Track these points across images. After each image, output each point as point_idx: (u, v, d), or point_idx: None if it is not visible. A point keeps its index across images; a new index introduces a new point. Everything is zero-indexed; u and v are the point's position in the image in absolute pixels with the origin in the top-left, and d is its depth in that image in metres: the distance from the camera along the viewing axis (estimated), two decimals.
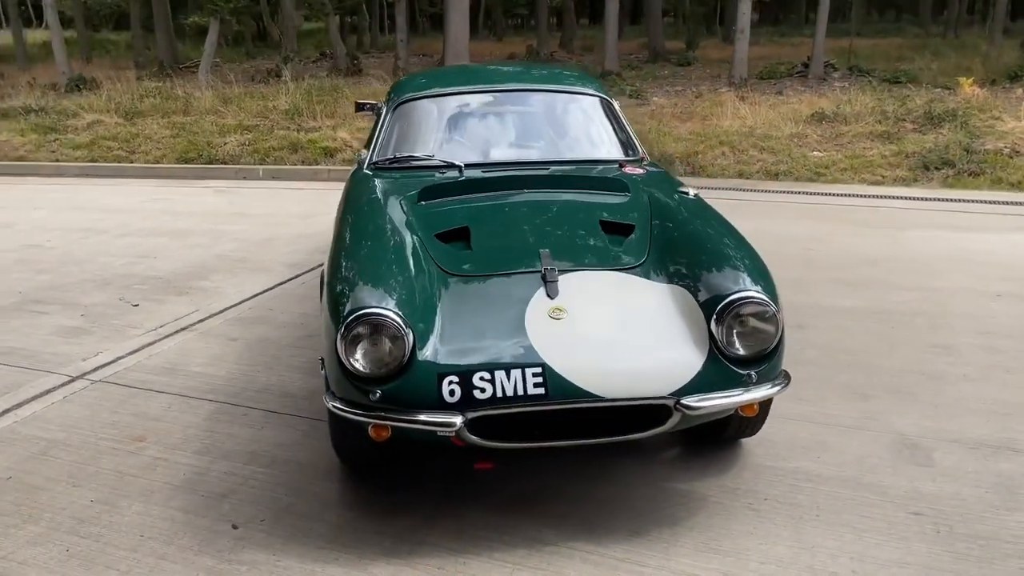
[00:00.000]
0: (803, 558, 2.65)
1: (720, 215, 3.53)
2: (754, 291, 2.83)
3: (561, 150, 4.26)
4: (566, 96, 4.55)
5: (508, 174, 3.89)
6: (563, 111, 4.49)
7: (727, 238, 3.26)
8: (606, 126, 4.45)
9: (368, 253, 3.13)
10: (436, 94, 4.48)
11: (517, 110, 4.45)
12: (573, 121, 4.45)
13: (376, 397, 2.67)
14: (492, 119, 4.42)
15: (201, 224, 7.49)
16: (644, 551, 2.70)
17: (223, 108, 13.24)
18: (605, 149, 4.31)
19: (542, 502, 2.98)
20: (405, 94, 4.50)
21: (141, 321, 4.94)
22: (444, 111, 4.43)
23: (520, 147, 4.27)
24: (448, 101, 4.45)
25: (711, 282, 2.92)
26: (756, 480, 3.11)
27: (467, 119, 4.41)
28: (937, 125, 10.80)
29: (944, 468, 3.17)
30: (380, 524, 2.87)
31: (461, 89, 4.51)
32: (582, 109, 4.51)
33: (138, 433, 3.55)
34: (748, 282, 2.89)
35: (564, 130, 4.40)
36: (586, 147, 4.31)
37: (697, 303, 2.88)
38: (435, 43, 32.17)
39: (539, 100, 4.51)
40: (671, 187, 3.85)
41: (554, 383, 2.64)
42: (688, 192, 3.74)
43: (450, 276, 3.04)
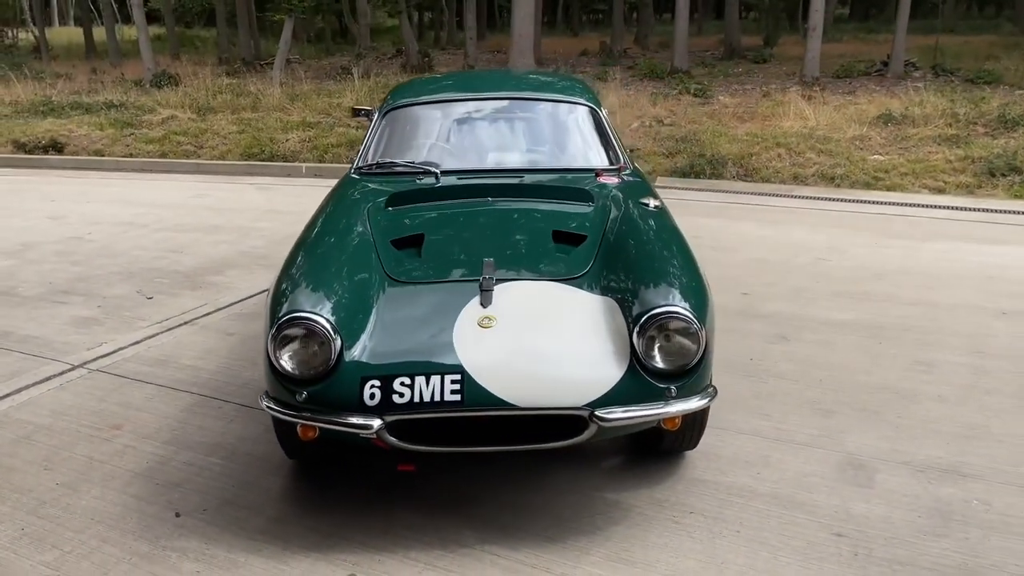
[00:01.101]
0: (708, 572, 2.68)
1: (676, 229, 3.55)
2: (680, 307, 2.86)
3: (539, 159, 4.33)
4: (553, 105, 4.61)
5: (477, 182, 3.98)
6: (548, 120, 4.55)
7: (671, 253, 3.28)
8: (590, 135, 4.49)
9: (321, 254, 3.28)
10: (424, 101, 4.59)
11: (502, 118, 4.53)
12: (556, 130, 4.51)
13: (303, 398, 2.80)
14: (476, 127, 4.51)
15: (234, 220, 7.79)
16: (555, 557, 2.77)
17: (290, 105, 13.68)
18: (584, 158, 4.36)
19: (468, 505, 3.07)
20: (395, 101, 4.64)
21: (151, 314, 5.21)
22: (430, 118, 4.54)
23: (499, 155, 4.34)
24: (436, 109, 4.57)
25: (642, 296, 2.96)
26: (687, 493, 3.14)
27: (451, 127, 4.51)
28: (1011, 129, 10.38)
29: (883, 490, 3.14)
30: (314, 519, 3.00)
31: (449, 97, 4.62)
32: (568, 118, 4.56)
33: (116, 422, 3.77)
34: (677, 298, 2.92)
35: (546, 139, 4.47)
36: (565, 156, 4.37)
37: (624, 316, 2.92)
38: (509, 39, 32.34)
39: (525, 108, 4.58)
40: (636, 198, 3.88)
41: (471, 390, 2.73)
42: (650, 204, 3.76)
43: (393, 282, 3.15)
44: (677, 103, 13.47)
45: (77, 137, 12.51)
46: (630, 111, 12.28)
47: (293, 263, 3.24)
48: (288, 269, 3.20)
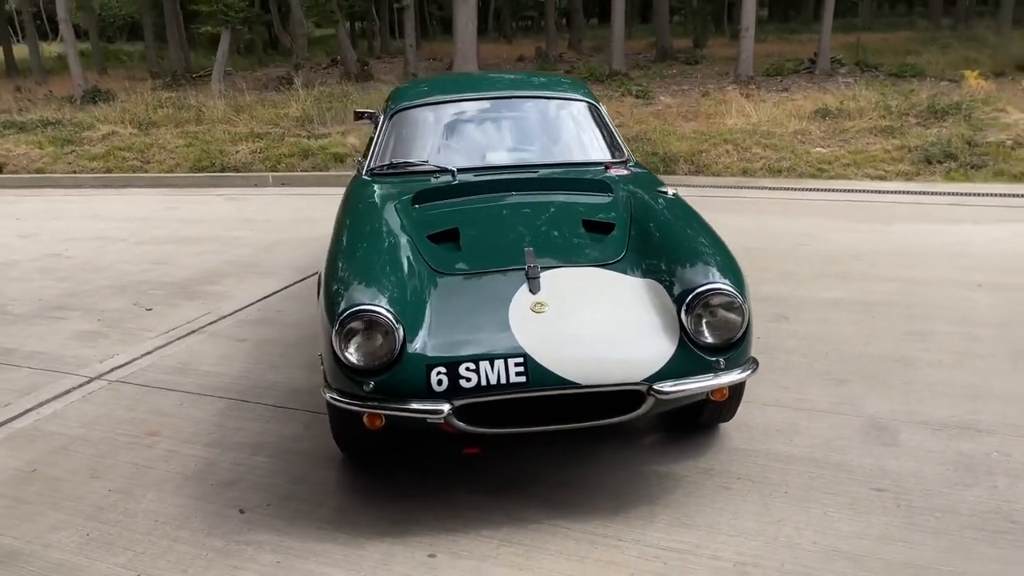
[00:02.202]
0: (768, 531, 2.84)
1: (696, 213, 3.72)
2: (722, 283, 3.03)
3: (549, 154, 4.46)
4: (555, 102, 4.75)
5: (497, 178, 4.10)
6: (552, 116, 4.69)
7: (700, 235, 3.45)
8: (593, 130, 4.65)
9: (363, 254, 3.34)
10: (430, 102, 4.69)
11: (508, 116, 4.66)
12: (561, 126, 4.66)
13: (369, 388, 2.88)
14: (484, 125, 4.62)
15: (211, 231, 7.74)
16: (622, 527, 2.90)
17: (235, 117, 13.54)
18: (592, 152, 4.51)
19: (528, 485, 3.18)
20: (401, 103, 4.72)
21: (155, 325, 5.18)
22: (438, 118, 4.64)
23: (510, 151, 4.47)
24: (442, 109, 4.66)
25: (682, 276, 3.13)
26: (730, 461, 3.31)
27: (460, 126, 4.62)
28: (940, 119, 10.90)
29: (909, 448, 3.35)
30: (377, 507, 3.08)
31: (454, 97, 4.72)
32: (570, 114, 4.71)
33: (152, 429, 3.78)
34: (716, 275, 3.09)
35: (552, 134, 4.61)
36: (573, 150, 4.52)
37: (669, 295, 3.08)
38: (445, 46, 32.37)
39: (529, 106, 4.72)
40: (652, 187, 4.05)
41: (534, 372, 2.84)
42: (667, 191, 3.93)
43: (439, 274, 3.25)
44: (622, 104, 13.72)
45: (16, 156, 12.20)
46: None
47: (337, 264, 3.29)
48: (335, 269, 3.25)
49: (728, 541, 2.80)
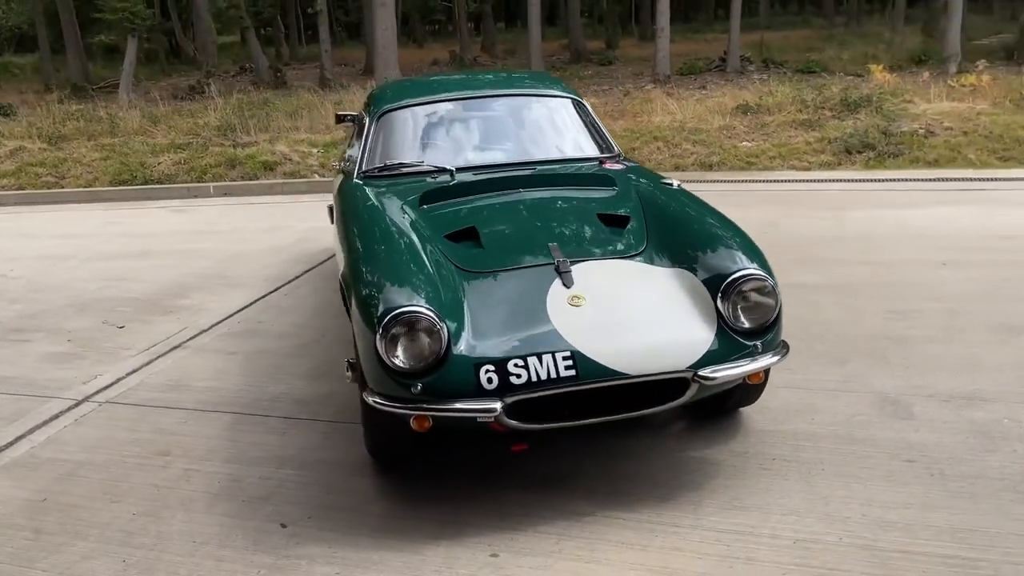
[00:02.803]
0: (818, 507, 2.92)
1: (705, 202, 3.79)
2: (752, 268, 3.10)
3: (544, 150, 4.48)
4: (541, 99, 4.77)
5: (503, 175, 4.08)
6: (541, 113, 4.71)
7: (718, 223, 3.52)
8: (582, 126, 4.69)
9: (387, 257, 3.27)
10: (417, 103, 4.64)
11: (497, 114, 4.65)
12: (551, 122, 4.67)
13: (418, 390, 2.83)
14: (474, 124, 4.60)
15: (165, 244, 7.47)
16: (675, 513, 2.93)
17: (152, 128, 13.08)
18: (584, 147, 4.54)
19: (571, 479, 3.18)
20: (386, 104, 4.65)
21: (132, 342, 4.97)
22: (427, 118, 4.60)
23: (504, 149, 4.47)
24: (430, 109, 4.63)
25: (711, 263, 3.18)
26: (761, 443, 3.38)
27: (450, 125, 4.59)
28: (854, 111, 11.38)
29: (924, 420, 3.49)
30: (423, 511, 3.03)
31: (442, 97, 4.69)
32: (558, 111, 4.73)
33: (161, 448, 3.62)
34: (745, 260, 3.15)
35: (544, 131, 4.62)
36: (567, 146, 4.54)
37: (701, 283, 3.12)
38: (354, 52, 32.06)
39: (517, 104, 4.72)
40: (655, 179, 4.11)
41: (583, 365, 2.85)
42: (672, 183, 3.99)
43: (468, 273, 3.21)
44: None
45: None
46: None
47: (362, 269, 3.21)
48: (361, 275, 3.17)
49: (783, 520, 2.85)
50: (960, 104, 11.48)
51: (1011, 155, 9.45)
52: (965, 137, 9.95)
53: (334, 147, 11.36)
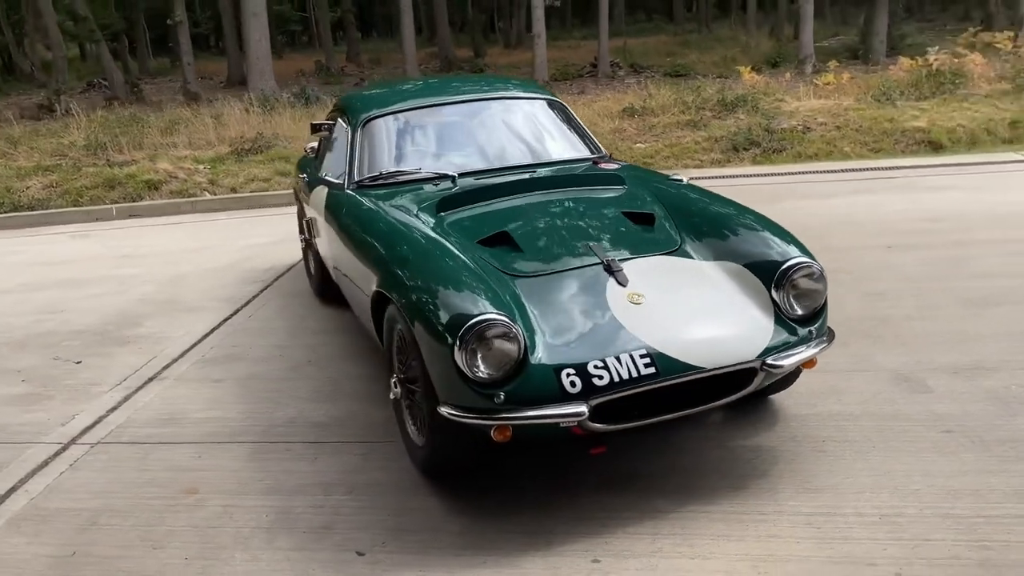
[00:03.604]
0: (885, 483, 3.02)
1: (719, 195, 3.86)
2: (802, 257, 3.17)
3: (538, 153, 4.44)
4: (526, 102, 4.74)
5: (510, 178, 4.02)
6: (528, 116, 4.67)
7: (745, 214, 3.59)
8: (568, 127, 4.69)
9: (437, 266, 3.14)
10: (402, 109, 4.52)
11: (486, 118, 4.58)
12: (539, 125, 4.65)
13: (501, 400, 2.75)
14: (465, 129, 4.52)
15: (90, 271, 6.96)
16: (754, 501, 2.96)
17: (11, 150, 12.16)
18: (575, 148, 4.54)
19: (637, 478, 3.16)
20: (367, 112, 4.50)
21: (98, 377, 4.59)
22: (415, 125, 4.49)
23: (500, 153, 4.40)
24: (416, 115, 4.52)
25: (759, 254, 3.24)
26: (805, 427, 3.47)
27: (441, 131, 4.49)
28: (732, 110, 11.95)
29: (942, 392, 3.68)
30: (503, 524, 2.94)
31: (428, 102, 4.59)
32: (542, 113, 4.72)
33: (186, 486, 3.36)
34: (792, 249, 3.23)
35: (534, 134, 4.58)
36: (559, 148, 4.52)
37: (752, 274, 3.18)
38: (211, 64, 30.82)
39: (502, 107, 4.66)
40: (661, 177, 4.15)
41: (661, 361, 2.84)
42: (683, 179, 4.05)
43: (516, 278, 3.14)
44: None
45: None
46: None
47: (412, 281, 3.08)
48: (415, 287, 3.04)
49: (859, 498, 2.94)
50: (828, 101, 12.25)
51: (880, 147, 10.18)
52: (839, 131, 10.63)
53: (221, 163, 10.91)
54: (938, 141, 10.12)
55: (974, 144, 10.06)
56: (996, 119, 10.54)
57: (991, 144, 10.04)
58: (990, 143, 10.08)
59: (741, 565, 2.62)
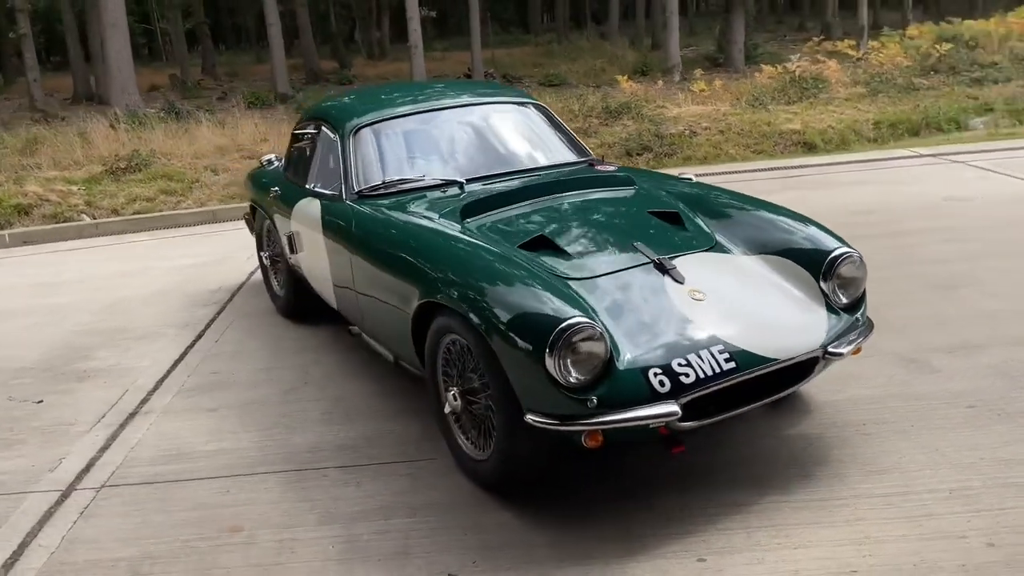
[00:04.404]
0: (939, 459, 3.15)
1: (733, 191, 3.94)
2: (844, 246, 3.28)
3: (535, 157, 4.40)
4: (512, 107, 4.69)
5: (528, 182, 3.95)
6: (517, 120, 4.62)
7: (767, 207, 3.67)
8: (557, 131, 4.68)
9: (499, 273, 3.02)
10: (393, 116, 4.37)
11: (477, 123, 4.48)
12: (530, 129, 4.60)
13: (594, 404, 2.69)
14: (459, 134, 4.41)
15: (12, 302, 6.37)
16: (828, 488, 3.02)
17: None
18: (569, 151, 4.53)
19: (702, 474, 3.17)
20: (356, 120, 4.32)
21: (70, 416, 4.20)
22: (408, 132, 4.36)
23: (500, 157, 4.33)
24: (408, 122, 4.38)
25: (797, 245, 3.33)
26: (840, 412, 3.58)
27: (435, 137, 4.38)
28: (617, 117, 12.28)
29: (948, 371, 3.88)
30: (588, 531, 2.87)
31: (416, 108, 4.44)
32: (530, 117, 4.68)
33: (228, 524, 3.11)
34: (830, 239, 3.33)
35: (527, 138, 4.54)
36: (554, 151, 4.49)
37: (799, 265, 3.26)
38: (50, 81, 28.76)
39: (491, 112, 4.59)
40: (668, 176, 4.20)
41: (739, 356, 2.87)
42: (692, 177, 4.11)
43: (571, 280, 3.08)
44: None
45: None
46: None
47: (473, 292, 2.96)
48: (481, 299, 2.92)
49: (922, 475, 3.06)
50: (707, 107, 12.80)
51: (761, 148, 10.72)
52: (722, 135, 11.10)
53: (96, 183, 10.23)
54: (812, 142, 10.71)
55: (844, 144, 10.69)
56: (860, 120, 11.27)
57: (859, 144, 10.71)
58: (857, 143, 10.76)
59: (844, 551, 2.67)
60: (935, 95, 12.33)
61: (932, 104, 11.66)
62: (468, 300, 2.95)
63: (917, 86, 13.10)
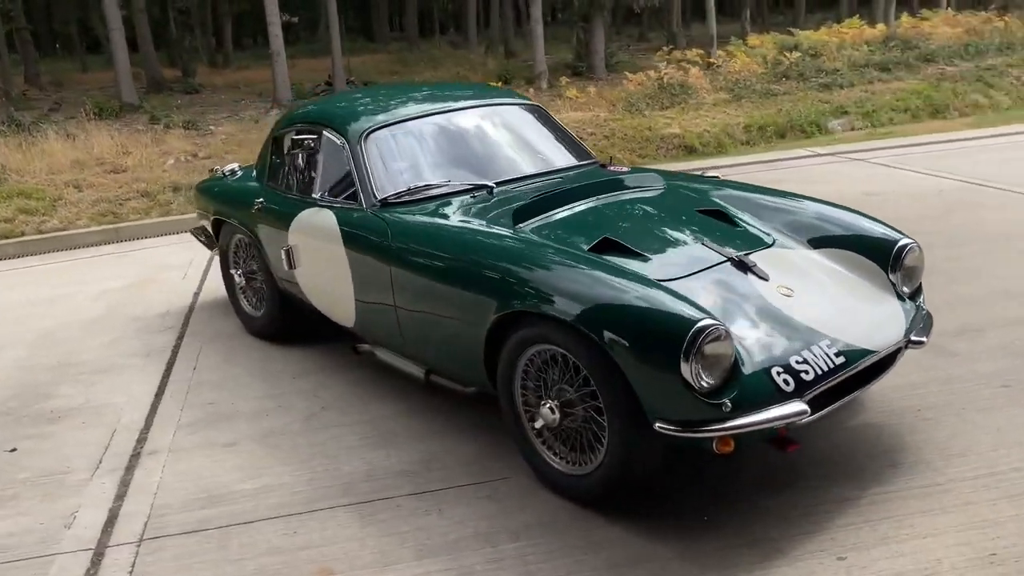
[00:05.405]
0: (1005, 438, 3.28)
1: (765, 187, 3.96)
2: (904, 236, 3.36)
3: (550, 159, 4.29)
4: (518, 108, 4.56)
5: (572, 185, 3.82)
6: (524, 122, 4.49)
7: (815, 201, 3.72)
8: (562, 132, 4.59)
9: (605, 278, 2.87)
10: (404, 118, 4.14)
11: (489, 126, 4.31)
12: (540, 130, 4.48)
13: (728, 408, 2.62)
14: (472, 137, 4.23)
15: None
16: (922, 476, 3.08)
17: None
18: (578, 153, 4.44)
19: (792, 475, 3.14)
20: (366, 124, 4.06)
21: (59, 464, 3.71)
22: (422, 135, 4.15)
23: (518, 160, 4.19)
24: (420, 125, 4.16)
25: (859, 238, 3.40)
26: (888, 400, 3.66)
27: (450, 140, 4.20)
28: None
29: (967, 354, 4.07)
30: (711, 540, 2.80)
31: (427, 111, 4.22)
32: (537, 119, 4.57)
33: (317, 567, 2.82)
34: (892, 231, 3.41)
35: (539, 140, 4.42)
36: (567, 152, 4.39)
37: (865, 257, 3.32)
38: None
39: (501, 114, 4.43)
40: (692, 175, 4.20)
41: (847, 350, 2.89)
42: (718, 175, 4.12)
43: (663, 282, 2.99)
44: (187, 137, 12.59)
45: None
46: (151, 150, 11.26)
47: (584, 300, 2.82)
48: (593, 304, 2.79)
49: (999, 455, 3.17)
50: (586, 113, 13.00)
51: (646, 152, 10.97)
52: (608, 140, 11.26)
53: None
54: (692, 145, 11.09)
55: (720, 147, 11.12)
56: (732, 124, 11.74)
57: (733, 146, 11.19)
58: (731, 145, 11.23)
59: (971, 535, 2.73)
60: (791, 99, 12.96)
61: (792, 108, 12.26)
62: (576, 309, 2.80)
63: (774, 91, 13.75)
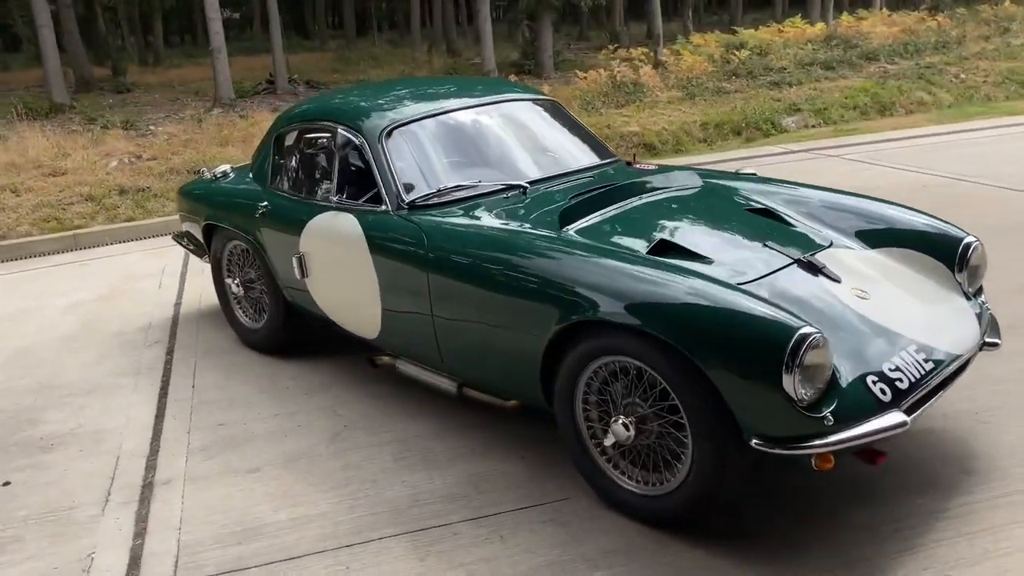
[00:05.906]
0: None
1: (811, 184, 3.82)
2: (967, 234, 3.26)
3: (577, 156, 4.09)
4: (538, 104, 4.35)
5: (616, 185, 3.64)
6: (546, 119, 4.30)
7: (869, 199, 3.61)
8: (582, 128, 4.41)
9: (682, 285, 2.69)
10: (425, 115, 3.90)
11: (510, 122, 4.09)
12: (561, 127, 4.30)
13: (831, 422, 2.47)
14: (496, 134, 4.02)
15: None
16: (1000, 483, 2.98)
17: None
18: (600, 150, 4.26)
19: (864, 488, 3.01)
20: (386, 121, 3.81)
21: (62, 498, 3.37)
22: (445, 133, 3.94)
23: (546, 158, 3.99)
24: (441, 122, 3.93)
25: (922, 237, 3.30)
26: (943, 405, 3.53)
27: (474, 138, 4.01)
28: None
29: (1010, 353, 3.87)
30: (805, 558, 2.66)
31: (447, 107, 3.98)
32: (557, 115, 4.38)
33: None
34: (955, 229, 3.31)
35: (563, 136, 4.24)
36: (591, 150, 4.21)
37: (930, 257, 3.21)
38: None
39: (519, 110, 4.22)
40: (730, 173, 4.05)
41: (934, 355, 2.77)
42: (755, 173, 3.98)
43: (739, 285, 2.82)
44: (127, 138, 12.08)
45: None
46: (91, 151, 10.75)
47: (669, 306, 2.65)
48: (675, 313, 2.62)
49: None
50: None
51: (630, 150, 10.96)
52: None
53: None
54: (651, 143, 11.04)
55: (679, 144, 11.07)
56: (688, 122, 11.71)
57: (691, 144, 11.17)
58: (690, 143, 11.21)
59: None
60: (743, 97, 13.02)
61: (745, 105, 12.29)
62: (656, 318, 2.62)
63: (726, 90, 13.80)
